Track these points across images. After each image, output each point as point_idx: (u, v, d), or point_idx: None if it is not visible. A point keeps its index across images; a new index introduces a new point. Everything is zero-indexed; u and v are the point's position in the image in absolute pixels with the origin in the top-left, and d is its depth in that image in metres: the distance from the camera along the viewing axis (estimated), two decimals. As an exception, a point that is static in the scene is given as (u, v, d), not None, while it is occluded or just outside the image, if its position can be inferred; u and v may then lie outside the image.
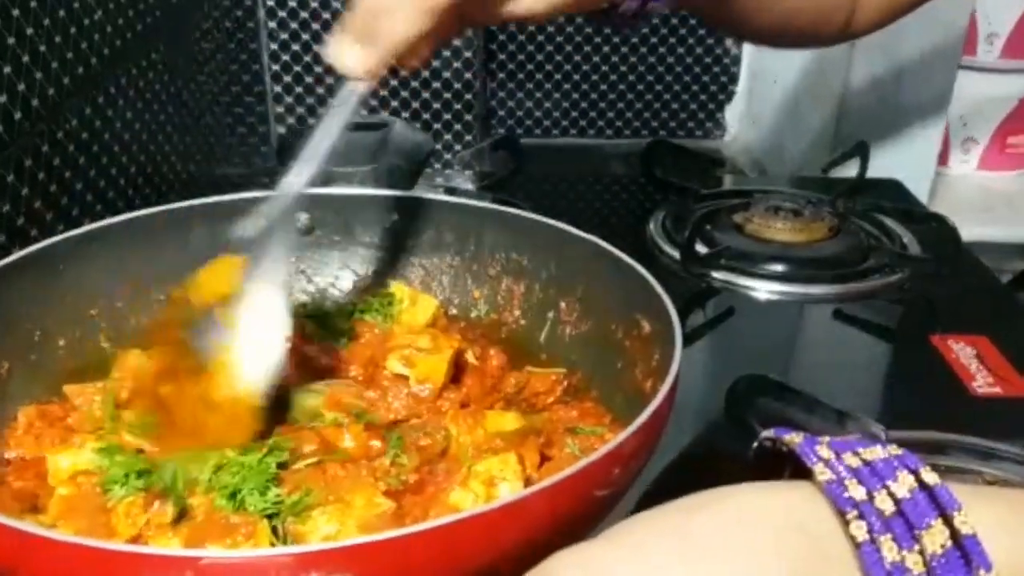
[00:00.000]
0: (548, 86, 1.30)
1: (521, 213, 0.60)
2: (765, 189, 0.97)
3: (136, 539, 0.40)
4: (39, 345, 0.52)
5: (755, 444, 0.35)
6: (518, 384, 0.54)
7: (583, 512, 0.38)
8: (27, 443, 0.47)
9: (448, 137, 1.20)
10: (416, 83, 1.18)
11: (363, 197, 0.64)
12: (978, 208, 1.20)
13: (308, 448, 0.45)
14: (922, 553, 0.28)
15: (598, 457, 0.37)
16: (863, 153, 0.96)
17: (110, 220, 0.56)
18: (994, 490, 0.32)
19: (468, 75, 1.16)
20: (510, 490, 0.42)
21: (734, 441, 0.59)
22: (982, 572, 0.27)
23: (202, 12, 0.96)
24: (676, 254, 0.83)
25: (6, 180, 0.57)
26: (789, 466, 0.32)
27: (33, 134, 0.60)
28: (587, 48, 1.29)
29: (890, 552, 0.28)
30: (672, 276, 0.80)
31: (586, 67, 1.30)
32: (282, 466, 0.44)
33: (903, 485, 0.29)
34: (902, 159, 1.07)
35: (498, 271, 0.61)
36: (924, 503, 0.28)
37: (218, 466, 0.42)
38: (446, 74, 1.17)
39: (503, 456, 0.44)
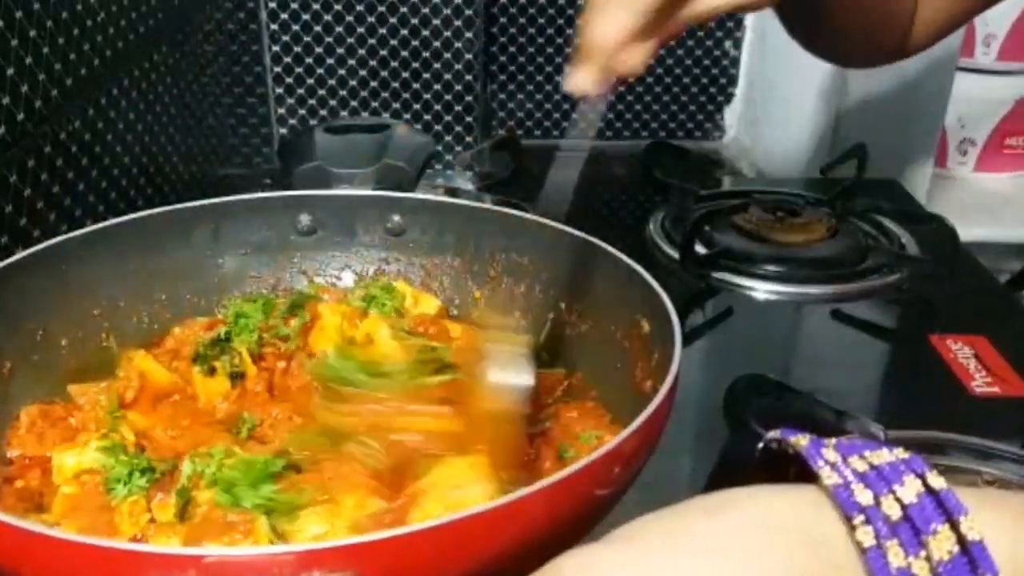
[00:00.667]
0: (548, 88, 1.30)
1: (521, 214, 0.60)
2: (764, 190, 0.97)
3: (138, 538, 0.41)
4: (41, 345, 0.52)
5: (760, 445, 0.35)
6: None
7: (584, 511, 0.38)
8: (29, 442, 0.47)
9: (449, 139, 1.20)
10: (418, 85, 1.18)
11: (365, 198, 0.65)
12: (976, 209, 1.20)
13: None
14: (928, 559, 0.28)
15: (598, 456, 0.37)
16: (861, 154, 0.96)
17: (112, 221, 0.56)
18: (1000, 495, 0.32)
19: (469, 77, 1.17)
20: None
21: (733, 440, 0.60)
22: None
23: (204, 14, 0.96)
24: (675, 254, 0.83)
25: (9, 181, 0.57)
26: (794, 467, 0.32)
27: (36, 135, 0.60)
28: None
29: (896, 558, 0.28)
30: (671, 276, 0.81)
31: (586, 68, 1.30)
32: (296, 469, 0.44)
33: (910, 490, 0.29)
34: (900, 160, 1.07)
35: (498, 272, 0.61)
36: (931, 508, 0.28)
37: (222, 462, 0.43)
38: (447, 76, 1.17)
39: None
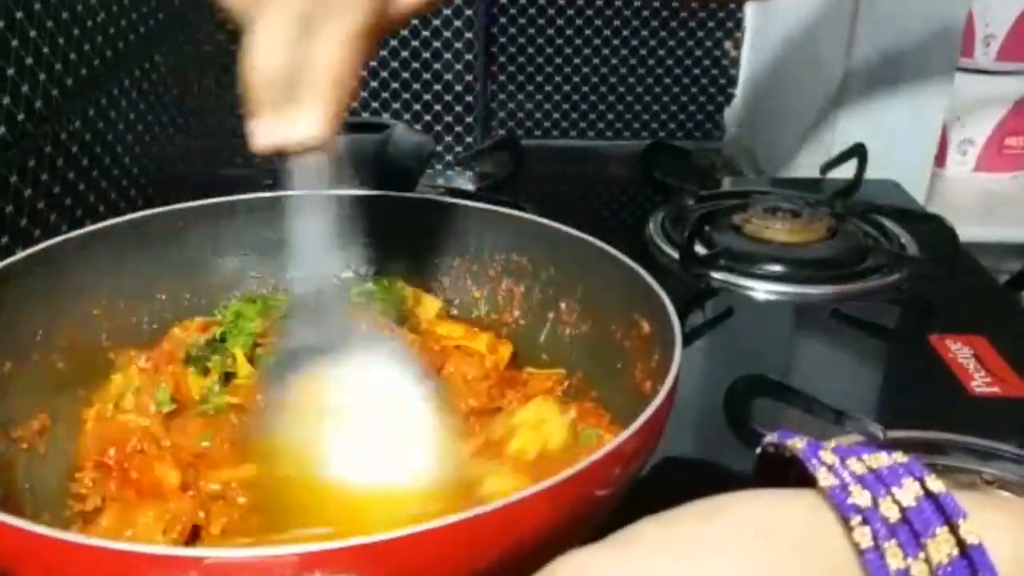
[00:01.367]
0: (548, 88, 1.30)
1: (521, 214, 0.60)
2: (763, 190, 0.97)
3: None
4: (41, 344, 0.51)
5: (758, 450, 0.35)
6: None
7: (583, 512, 0.38)
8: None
9: (449, 139, 1.20)
10: (417, 85, 1.18)
11: (364, 198, 0.65)
12: (975, 209, 1.20)
13: None
14: (927, 562, 0.27)
15: (598, 457, 0.37)
16: (861, 154, 0.96)
17: (112, 221, 0.56)
18: (1001, 498, 0.32)
19: (469, 77, 1.17)
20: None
21: (733, 441, 0.60)
22: None
23: (205, 14, 0.96)
24: (675, 255, 0.83)
25: (9, 181, 0.57)
26: (793, 471, 0.32)
27: (36, 135, 0.60)
28: (587, 51, 1.29)
29: (895, 559, 0.28)
30: (671, 277, 0.81)
31: (586, 69, 1.30)
32: None
33: (908, 492, 0.29)
34: (900, 160, 1.07)
35: (498, 272, 0.61)
36: (930, 511, 0.28)
37: None
38: (447, 76, 1.17)
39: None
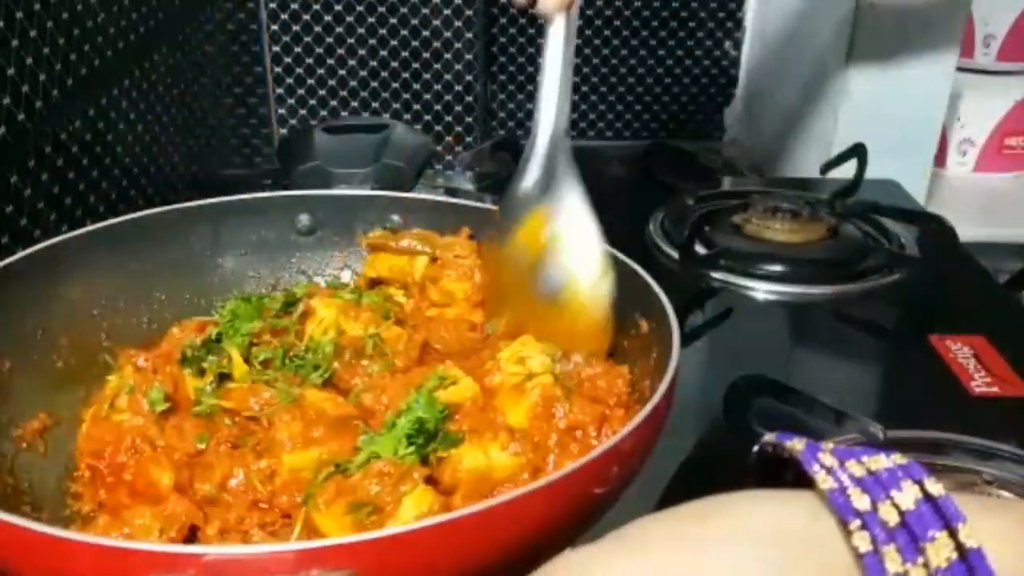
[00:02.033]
0: (548, 88, 1.30)
1: (521, 214, 0.60)
2: (763, 190, 0.97)
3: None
4: (41, 344, 0.52)
5: (756, 449, 0.34)
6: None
7: (582, 510, 0.38)
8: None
9: (449, 139, 1.20)
10: (418, 86, 1.18)
11: (364, 198, 0.65)
12: (975, 209, 1.20)
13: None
14: (926, 566, 0.27)
15: (597, 455, 0.37)
16: (861, 154, 0.96)
17: (112, 220, 0.56)
18: (1001, 502, 0.32)
19: (469, 78, 1.17)
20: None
21: (733, 440, 0.60)
22: None
23: (204, 14, 0.96)
24: (675, 255, 0.83)
25: (9, 181, 0.57)
26: (791, 471, 0.32)
27: (36, 135, 0.60)
28: (587, 51, 1.29)
29: (893, 563, 0.27)
30: (671, 276, 0.81)
31: (586, 70, 1.30)
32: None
33: (908, 496, 0.28)
34: (899, 160, 1.07)
35: (498, 271, 0.61)
36: (929, 515, 0.28)
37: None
38: (447, 77, 1.18)
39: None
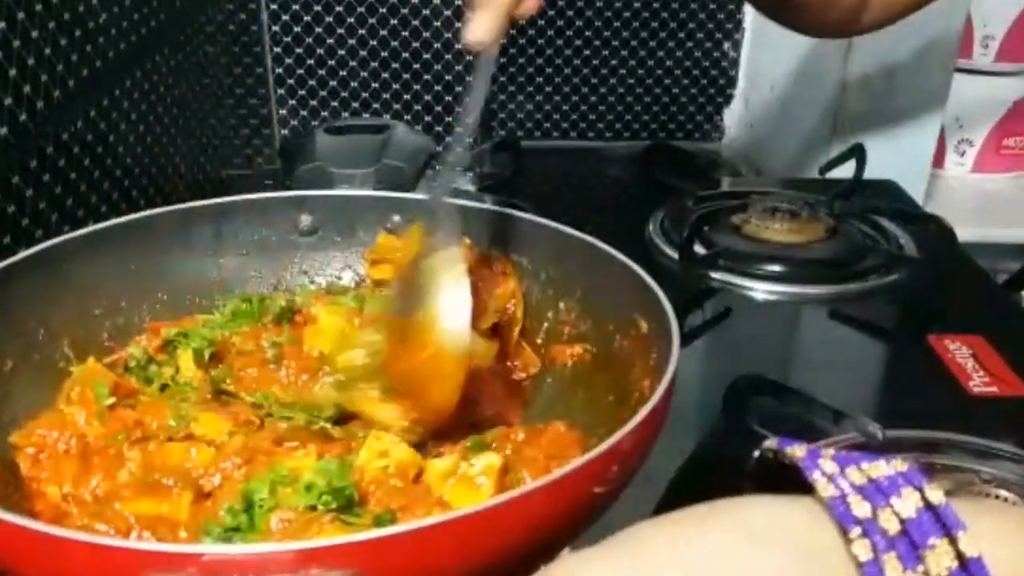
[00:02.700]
0: (548, 89, 1.30)
1: (521, 214, 0.60)
2: (762, 190, 0.97)
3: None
4: (43, 344, 0.52)
5: (756, 453, 0.34)
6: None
7: (582, 509, 0.39)
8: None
9: (449, 139, 1.20)
10: (418, 86, 1.18)
11: (365, 198, 0.65)
12: (973, 209, 1.20)
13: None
14: (926, 574, 0.27)
15: (597, 455, 0.37)
16: (859, 155, 0.96)
17: (114, 221, 0.57)
18: (999, 505, 0.32)
19: (469, 78, 1.17)
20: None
21: (732, 440, 0.60)
22: None
23: (206, 16, 0.96)
24: (674, 255, 0.84)
25: (11, 181, 0.57)
26: (791, 475, 0.31)
27: (38, 136, 0.60)
28: (587, 51, 1.29)
29: (894, 572, 0.27)
30: (670, 276, 0.81)
31: (586, 70, 1.30)
32: None
33: (908, 503, 0.28)
34: (898, 161, 1.08)
35: (498, 271, 0.61)
36: (928, 523, 0.28)
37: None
38: (448, 78, 1.18)
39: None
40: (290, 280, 0.64)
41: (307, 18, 1.13)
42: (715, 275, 0.82)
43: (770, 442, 0.33)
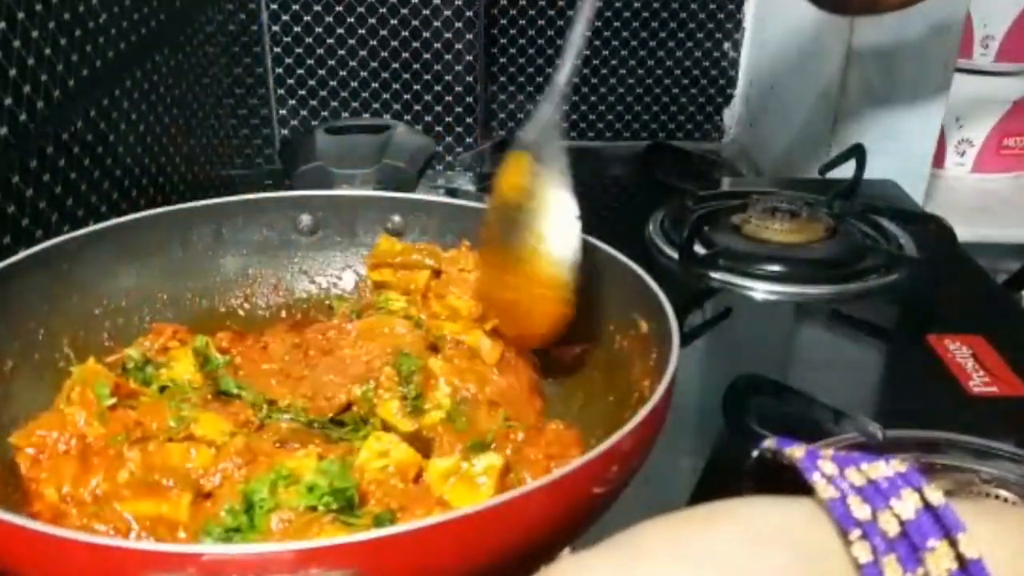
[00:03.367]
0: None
1: (521, 214, 0.60)
2: (762, 190, 0.97)
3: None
4: (43, 344, 0.52)
5: (755, 453, 0.34)
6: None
7: (581, 510, 0.39)
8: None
9: (450, 139, 1.20)
10: (419, 87, 1.18)
11: (365, 198, 0.65)
12: (973, 209, 1.20)
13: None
14: None
15: (596, 455, 0.37)
16: (859, 155, 0.96)
17: (114, 221, 0.57)
18: (999, 506, 0.32)
19: (469, 78, 1.17)
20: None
21: (732, 440, 0.60)
22: None
23: (206, 16, 0.96)
24: (674, 255, 0.84)
25: (11, 181, 0.57)
26: (790, 475, 0.31)
27: (38, 136, 0.60)
28: (587, 51, 1.29)
29: (893, 574, 0.27)
30: (670, 276, 0.81)
31: (586, 70, 1.30)
32: None
33: (908, 505, 0.28)
34: (898, 161, 1.08)
35: (498, 271, 0.61)
36: (928, 524, 0.28)
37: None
38: (448, 77, 1.18)
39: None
40: (290, 280, 0.64)
41: (307, 18, 1.13)
42: (715, 275, 0.82)
43: (769, 442, 0.33)
